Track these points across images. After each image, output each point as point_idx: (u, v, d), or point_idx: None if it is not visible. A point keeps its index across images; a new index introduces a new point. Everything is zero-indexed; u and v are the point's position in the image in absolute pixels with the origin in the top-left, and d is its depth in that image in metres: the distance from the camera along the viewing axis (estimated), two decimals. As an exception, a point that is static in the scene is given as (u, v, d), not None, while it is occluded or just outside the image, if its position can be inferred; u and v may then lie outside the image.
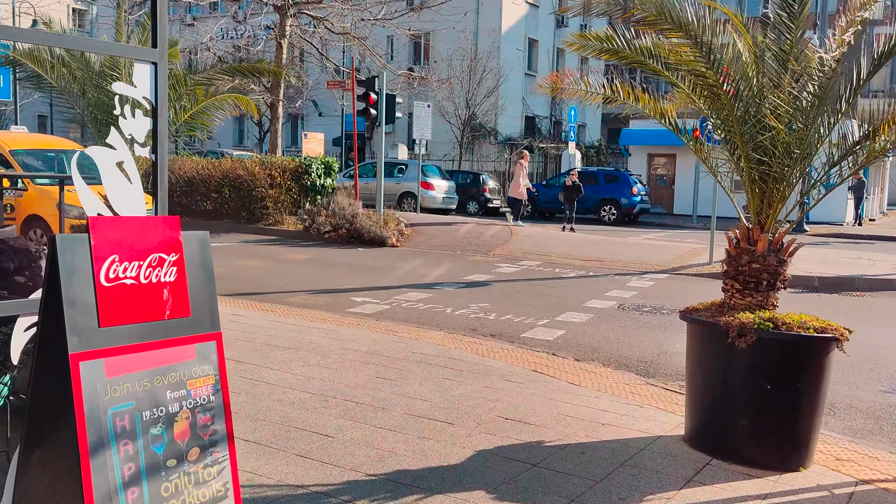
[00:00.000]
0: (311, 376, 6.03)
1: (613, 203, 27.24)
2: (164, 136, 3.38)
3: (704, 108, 5.25)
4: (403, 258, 14.77)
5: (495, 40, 38.08)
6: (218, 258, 13.85)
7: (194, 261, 3.10)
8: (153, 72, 3.34)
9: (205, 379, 2.99)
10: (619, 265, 14.54)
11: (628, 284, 12.52)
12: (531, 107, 41.18)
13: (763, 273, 5.01)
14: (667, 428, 5.33)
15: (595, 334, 8.84)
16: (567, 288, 12.03)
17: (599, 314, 9.98)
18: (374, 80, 17.47)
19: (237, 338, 7.23)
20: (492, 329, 8.90)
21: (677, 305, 10.81)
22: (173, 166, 19.23)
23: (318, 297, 10.49)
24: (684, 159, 31.60)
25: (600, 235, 19.91)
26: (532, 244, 16.75)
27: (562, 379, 6.49)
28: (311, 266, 13.53)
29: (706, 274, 13.71)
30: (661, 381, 7.00)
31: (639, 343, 8.52)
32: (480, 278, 12.62)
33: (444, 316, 9.56)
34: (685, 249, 16.50)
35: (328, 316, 8.81)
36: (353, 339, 7.45)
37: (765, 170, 5.02)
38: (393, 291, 11.10)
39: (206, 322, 3.06)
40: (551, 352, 7.71)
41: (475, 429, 5.04)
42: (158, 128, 3.36)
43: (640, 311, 10.34)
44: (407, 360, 6.68)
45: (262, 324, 7.98)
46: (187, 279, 3.02)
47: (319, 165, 18.27)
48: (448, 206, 26.25)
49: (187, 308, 2.99)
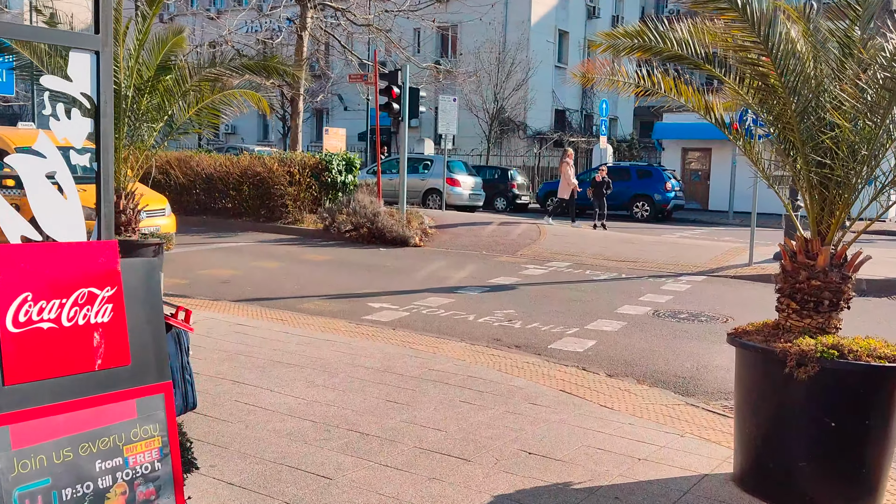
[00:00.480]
0: (315, 399, 5.46)
1: (646, 199, 26.43)
2: (108, 140, 2.81)
3: (754, 102, 4.59)
4: (426, 259, 14.19)
5: (524, 32, 37.29)
6: (232, 259, 13.39)
7: (137, 295, 2.52)
8: (94, 63, 2.77)
9: (148, 442, 2.42)
10: (653, 266, 13.84)
11: (663, 288, 11.83)
12: (561, 100, 40.36)
13: (824, 291, 4.35)
14: (713, 464, 4.69)
15: (628, 345, 8.19)
16: (598, 292, 11.37)
17: (633, 322, 9.33)
18: (398, 73, 16.88)
19: (239, 352, 6.69)
20: (517, 339, 8.29)
21: (716, 312, 10.14)
22: (191, 162, 18.87)
23: (333, 303, 9.94)
24: (720, 153, 30.64)
25: (633, 233, 19.18)
26: (561, 244, 16.08)
27: (593, 401, 5.86)
28: (328, 268, 12.99)
29: (746, 276, 12.97)
30: (703, 401, 6.36)
31: (676, 355, 7.86)
32: (506, 281, 12.00)
33: (467, 324, 8.96)
34: (723, 249, 15.73)
35: (341, 325, 8.25)
36: (364, 354, 6.87)
37: (826, 173, 4.36)
38: (413, 296, 10.52)
39: (150, 371, 2.49)
40: (581, 366, 7.08)
41: (494, 467, 4.44)
42: (102, 130, 2.80)
43: (676, 318, 9.67)
44: (422, 380, 6.09)
45: (269, 335, 7.44)
46: (127, 319, 2.45)
47: (340, 162, 17.72)
48: (474, 203, 25.59)
49: (126, 355, 2.42)
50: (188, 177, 18.83)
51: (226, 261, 13.20)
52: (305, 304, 9.77)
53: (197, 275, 11.69)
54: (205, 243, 15.42)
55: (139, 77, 7.97)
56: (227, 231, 17.31)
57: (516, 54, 35.74)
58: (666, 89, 4.69)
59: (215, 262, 13.05)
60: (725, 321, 9.55)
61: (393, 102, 16.62)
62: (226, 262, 12.98)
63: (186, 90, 7.78)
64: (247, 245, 15.38)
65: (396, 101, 16.63)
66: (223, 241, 15.88)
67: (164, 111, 7.88)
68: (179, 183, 18.95)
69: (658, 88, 4.78)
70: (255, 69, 7.93)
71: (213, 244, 15.33)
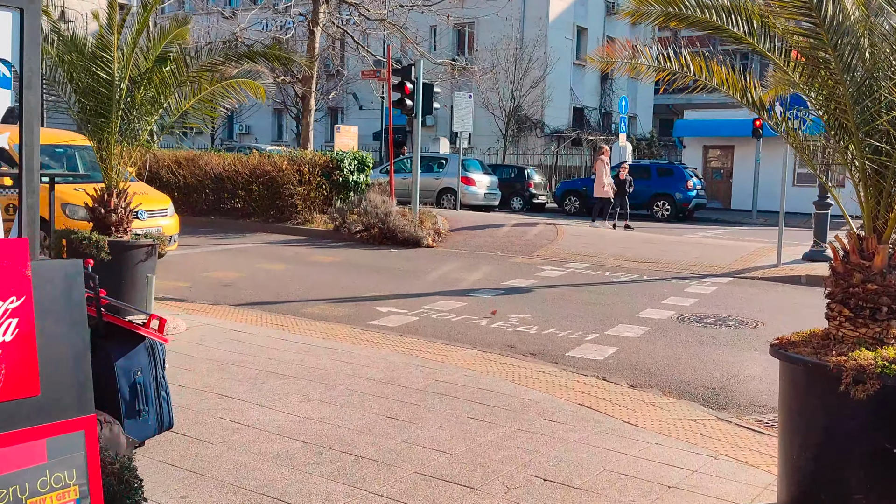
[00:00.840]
0: (308, 416, 4.96)
1: (667, 198, 25.78)
2: (33, 117, 2.32)
3: (801, 81, 4.05)
4: (438, 260, 13.68)
5: (542, 28, 36.70)
6: (237, 261, 12.93)
7: (53, 308, 2.01)
8: (17, 23, 2.28)
9: (62, 493, 1.93)
10: (676, 267, 13.25)
11: (687, 290, 11.25)
12: (580, 97, 39.73)
13: (882, 297, 3.80)
14: (752, 492, 4.15)
15: (652, 352, 7.65)
16: (619, 295, 10.82)
17: (656, 326, 8.78)
18: (411, 68, 16.36)
19: (231, 361, 6.20)
20: (533, 346, 7.77)
21: (745, 316, 9.56)
22: (199, 162, 18.46)
23: (339, 307, 9.45)
24: (743, 151, 29.95)
25: (654, 233, 18.59)
26: (579, 244, 15.52)
27: (615, 416, 5.33)
28: (337, 270, 12.51)
29: (774, 278, 12.36)
30: (735, 415, 5.83)
31: (703, 363, 7.30)
32: (521, 284, 11.47)
33: (479, 330, 8.44)
34: (749, 249, 15.11)
35: (345, 331, 7.75)
36: (367, 363, 6.37)
37: (883, 160, 3.81)
38: (423, 299, 10.01)
39: (68, 403, 1.99)
40: (601, 376, 6.55)
41: (504, 497, 3.92)
42: (25, 105, 2.30)
43: (702, 322, 9.10)
44: (427, 393, 5.58)
45: (266, 342, 6.95)
46: (38, 338, 1.95)
47: (352, 160, 17.24)
48: (490, 203, 25.01)
49: (35, 383, 1.92)
50: (196, 176, 18.43)
51: (230, 263, 12.75)
52: (309, 309, 9.29)
53: (199, 277, 11.25)
54: (211, 244, 15.00)
55: (136, 68, 7.52)
56: (235, 232, 16.88)
57: (533, 51, 35.14)
58: (696, 70, 4.15)
59: (219, 264, 12.61)
60: (755, 326, 8.98)
61: (406, 99, 16.12)
62: (230, 264, 12.53)
63: (183, 80, 7.30)
64: (254, 246, 14.94)
65: (409, 98, 16.12)
66: (230, 242, 15.45)
67: (160, 103, 7.42)
68: (188, 182, 18.57)
69: (686, 71, 4.24)
70: (255, 57, 7.45)
71: (219, 245, 14.90)
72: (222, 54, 7.36)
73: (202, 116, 7.73)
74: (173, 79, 7.23)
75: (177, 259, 12.73)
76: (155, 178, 18.94)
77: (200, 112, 7.66)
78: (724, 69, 4.07)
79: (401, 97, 16.12)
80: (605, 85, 41.74)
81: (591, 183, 27.88)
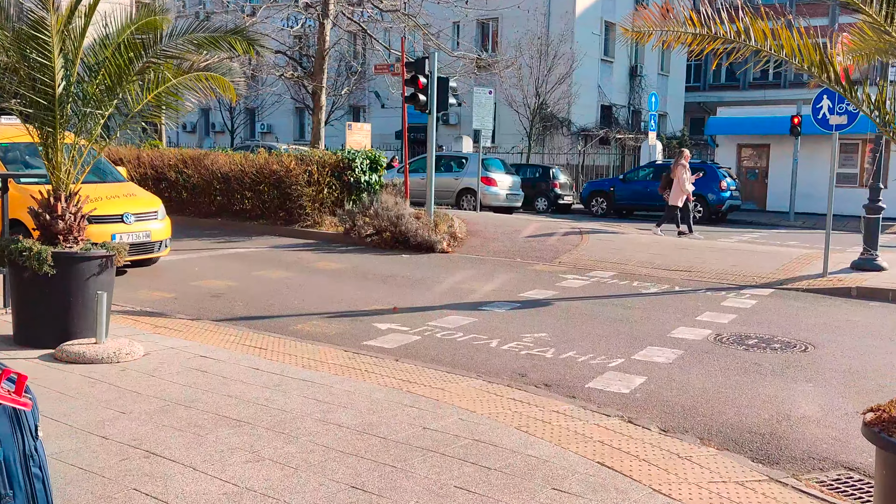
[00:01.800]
0: (250, 485, 3.92)
1: (699, 199, 24.38)
2: None
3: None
4: (452, 267, 12.62)
5: (568, 23, 35.46)
6: (234, 267, 11.96)
7: None
8: None
9: None
10: (711, 277, 12.09)
11: (724, 304, 10.11)
12: (607, 95, 38.43)
13: None
14: None
15: (686, 384, 6.55)
16: (648, 309, 9.70)
17: (691, 350, 7.67)
18: (425, 61, 15.28)
19: (181, 400, 5.19)
20: (547, 374, 6.70)
21: (792, 336, 8.40)
22: (205, 161, 17.55)
23: (335, 323, 8.44)
24: (780, 149, 28.54)
25: (685, 237, 17.38)
26: (605, 250, 14.38)
27: (642, 481, 4.25)
28: (341, 278, 11.49)
29: (822, 290, 11.16)
30: (790, 472, 4.75)
31: (748, 399, 6.19)
32: (540, 295, 10.38)
33: (487, 352, 7.39)
34: (790, 256, 13.87)
35: (332, 355, 6.73)
36: (345, 402, 5.33)
37: None
38: (429, 314, 8.98)
39: None
40: (626, 416, 5.48)
41: None
42: None
43: (743, 344, 7.97)
44: (410, 447, 4.53)
45: (233, 373, 5.94)
46: None
47: (364, 160, 16.21)
48: (512, 204, 23.83)
49: None
50: (203, 176, 17.52)
51: (227, 269, 11.80)
52: (301, 325, 8.29)
53: (188, 287, 10.30)
54: (212, 248, 14.07)
55: (93, 56, 6.56)
56: (240, 235, 15.95)
57: (559, 46, 33.91)
58: (758, 38, 3.07)
59: (215, 270, 11.66)
60: (804, 349, 7.84)
61: (419, 94, 15.05)
62: (226, 272, 11.57)
63: (142, 69, 6.31)
64: (257, 251, 13.98)
65: (423, 93, 15.06)
66: (233, 245, 14.50)
67: (115, 94, 6.43)
68: (195, 182, 17.68)
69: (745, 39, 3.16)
70: (216, 42, 6.44)
71: (220, 249, 13.96)
72: (181, 38, 6.35)
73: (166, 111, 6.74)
74: (128, 68, 6.23)
75: (169, 265, 11.82)
76: (162, 179, 18.11)
77: (166, 106, 6.67)
78: (795, 35, 2.98)
79: (414, 92, 15.06)
80: (633, 82, 40.41)
81: (617, 183, 26.77)
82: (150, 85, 6.59)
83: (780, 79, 46.93)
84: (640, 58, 40.95)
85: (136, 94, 6.51)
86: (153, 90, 6.62)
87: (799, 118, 25.08)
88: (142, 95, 6.60)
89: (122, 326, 7.17)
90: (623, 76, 39.94)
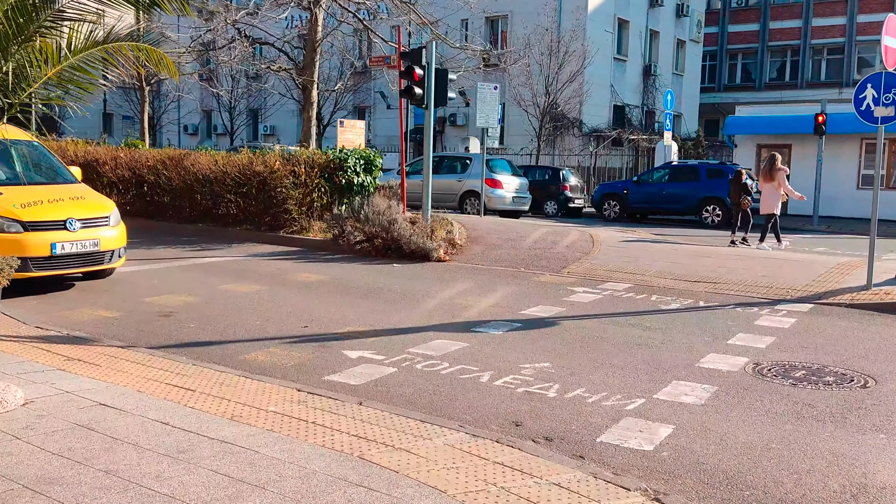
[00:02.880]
0: None
1: (717, 202, 22.99)
2: None
3: None
4: (447, 279, 11.22)
5: (580, 19, 34.03)
6: (199, 280, 10.56)
7: None
8: None
9: None
10: (739, 289, 10.64)
11: (759, 323, 8.68)
12: (620, 95, 36.96)
13: None
14: None
15: (726, 436, 5.13)
16: (670, 330, 8.28)
17: (726, 385, 6.25)
18: (421, 51, 13.90)
19: (31, 482, 3.78)
20: (549, 423, 5.31)
21: (847, 366, 6.92)
22: (185, 162, 16.24)
23: (296, 350, 7.06)
24: (802, 149, 26.99)
25: (705, 245, 15.94)
26: (619, 258, 12.95)
27: None
28: (318, 293, 10.10)
29: (868, 305, 9.71)
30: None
31: (809, 460, 4.77)
32: (544, 313, 8.98)
33: (476, 390, 6.01)
34: (825, 265, 12.39)
35: (279, 398, 5.36)
36: (266, 481, 3.94)
37: None
38: (412, 337, 7.60)
39: None
40: (652, 490, 4.10)
41: None
42: None
43: (790, 378, 6.55)
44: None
45: (130, 431, 4.55)
46: None
47: (357, 160, 14.83)
48: (519, 208, 22.35)
49: None
50: (184, 178, 16.20)
51: (191, 283, 10.44)
52: (254, 353, 6.92)
53: (138, 304, 8.95)
54: (183, 257, 12.73)
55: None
56: (220, 242, 14.61)
57: (570, 43, 32.47)
58: None
59: (176, 284, 10.30)
60: (864, 384, 6.41)
61: (415, 87, 13.69)
62: (189, 285, 10.22)
63: (30, 35, 4.96)
64: (232, 260, 12.63)
65: (419, 85, 13.70)
66: (208, 254, 13.16)
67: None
68: (175, 185, 16.37)
69: None
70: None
71: (191, 259, 12.61)
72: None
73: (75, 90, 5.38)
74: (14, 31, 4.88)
75: (125, 278, 10.48)
76: (141, 182, 16.80)
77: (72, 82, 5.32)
78: None
79: (409, 85, 13.69)
80: (647, 81, 38.94)
81: (632, 186, 25.29)
82: (49, 58, 5.24)
83: (797, 78, 45.36)
84: (655, 57, 39.50)
85: (28, 69, 5.16)
86: (56, 64, 5.27)
87: (824, 116, 23.58)
88: (43, 68, 5.25)
89: (19, 361, 5.82)
90: (636, 75, 38.50)
